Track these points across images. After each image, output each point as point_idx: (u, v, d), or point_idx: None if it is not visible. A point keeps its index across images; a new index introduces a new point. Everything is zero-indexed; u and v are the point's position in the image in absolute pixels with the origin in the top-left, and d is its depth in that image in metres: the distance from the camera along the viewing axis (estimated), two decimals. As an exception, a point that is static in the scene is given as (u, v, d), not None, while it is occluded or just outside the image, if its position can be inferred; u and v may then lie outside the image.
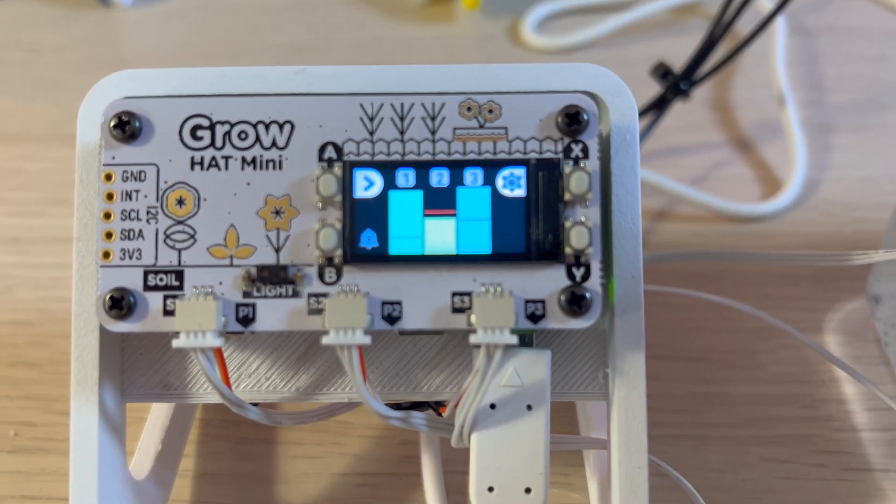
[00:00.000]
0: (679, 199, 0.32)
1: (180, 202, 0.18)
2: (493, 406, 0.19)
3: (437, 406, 0.21)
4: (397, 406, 0.20)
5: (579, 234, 0.18)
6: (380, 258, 0.18)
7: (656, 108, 0.32)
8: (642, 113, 0.32)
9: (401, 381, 0.20)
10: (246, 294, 0.18)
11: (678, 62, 0.33)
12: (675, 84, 0.31)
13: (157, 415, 0.24)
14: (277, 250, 0.18)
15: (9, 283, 0.30)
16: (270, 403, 0.25)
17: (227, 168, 0.18)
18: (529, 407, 0.19)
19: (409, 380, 0.20)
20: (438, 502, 0.24)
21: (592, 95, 0.19)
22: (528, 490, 0.19)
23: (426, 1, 0.42)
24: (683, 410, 0.27)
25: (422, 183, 0.18)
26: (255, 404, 0.20)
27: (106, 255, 0.18)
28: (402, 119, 0.18)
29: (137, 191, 0.18)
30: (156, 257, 0.18)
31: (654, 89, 0.32)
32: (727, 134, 0.35)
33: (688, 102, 0.34)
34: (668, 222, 0.32)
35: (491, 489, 0.19)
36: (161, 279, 0.18)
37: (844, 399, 0.27)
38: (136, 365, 0.20)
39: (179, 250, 0.18)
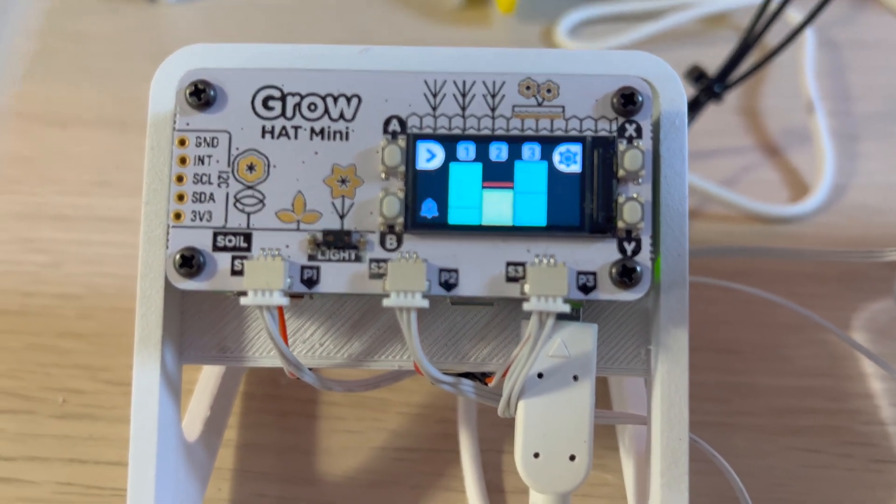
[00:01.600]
0: (710, 198, 0.33)
1: (251, 168, 0.19)
2: (540, 375, 0.20)
3: (483, 377, 0.21)
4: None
5: (632, 209, 0.19)
6: (439, 227, 0.19)
7: (690, 110, 0.32)
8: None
9: (449, 352, 0.21)
10: (311, 257, 0.19)
11: (709, 70, 0.33)
12: (708, 87, 0.32)
13: (206, 382, 0.25)
14: (342, 217, 0.19)
15: (57, 258, 0.31)
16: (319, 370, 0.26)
17: (296, 137, 0.19)
18: (576, 377, 0.20)
19: (458, 350, 0.21)
20: (475, 478, 0.25)
21: (644, 81, 0.20)
22: (572, 457, 0.19)
23: (463, 4, 0.43)
24: (713, 399, 0.27)
25: (481, 156, 0.19)
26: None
27: (177, 216, 0.19)
28: (463, 96, 0.19)
29: (210, 156, 0.19)
30: (225, 219, 0.19)
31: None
32: (757, 139, 0.36)
33: (720, 107, 0.35)
34: (698, 221, 0.33)
35: (537, 455, 0.19)
36: (230, 240, 0.19)
37: (871, 394, 0.27)
38: (194, 328, 0.21)
39: (248, 214, 0.19)
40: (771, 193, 0.34)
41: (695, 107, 0.32)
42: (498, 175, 0.19)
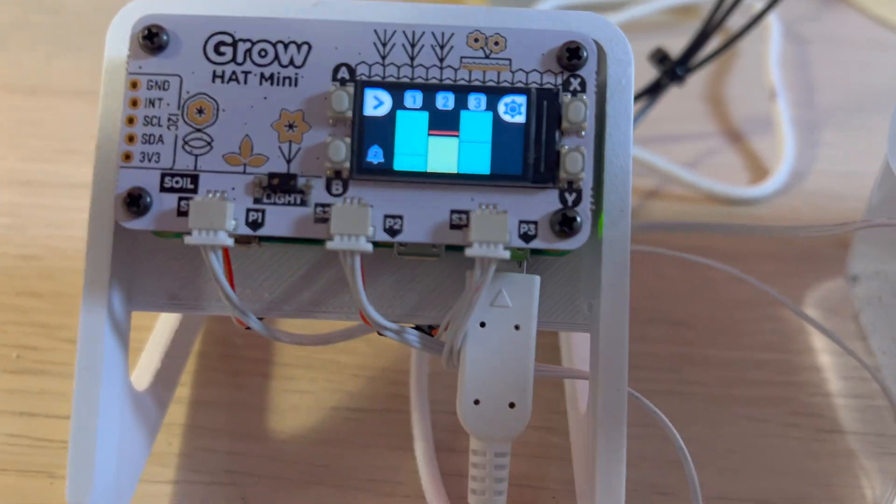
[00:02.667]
0: (670, 178, 0.34)
1: (200, 111, 0.19)
2: (483, 325, 0.20)
3: (430, 330, 0.22)
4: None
5: (573, 159, 0.19)
6: (385, 172, 0.19)
7: (652, 91, 0.33)
8: (639, 96, 0.33)
9: (396, 304, 0.21)
10: (256, 200, 0.19)
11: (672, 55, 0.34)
12: (671, 69, 0.32)
13: (159, 336, 0.25)
14: (288, 161, 0.19)
15: (21, 222, 0.31)
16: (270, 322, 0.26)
17: (245, 82, 0.19)
18: (517, 327, 0.20)
19: (405, 303, 0.21)
20: (424, 437, 0.25)
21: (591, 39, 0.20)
22: (512, 405, 0.20)
23: (437, -10, 0.43)
24: (666, 369, 0.28)
25: (428, 105, 0.19)
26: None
27: (126, 157, 0.19)
28: (412, 46, 0.20)
29: (160, 99, 0.19)
30: (173, 161, 0.19)
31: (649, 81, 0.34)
32: (721, 126, 0.37)
33: (685, 94, 0.35)
34: (659, 201, 0.33)
35: (477, 402, 0.20)
36: (177, 182, 0.19)
37: (820, 367, 0.28)
38: (144, 275, 0.21)
39: (196, 156, 0.19)
40: (732, 177, 0.35)
41: (657, 89, 0.33)
42: (444, 124, 0.19)
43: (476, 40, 0.20)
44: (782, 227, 0.28)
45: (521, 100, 0.19)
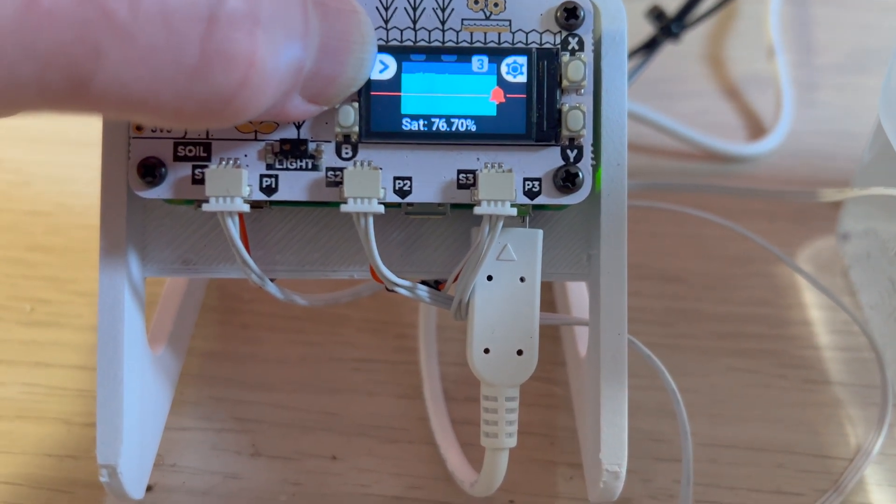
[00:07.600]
0: (666, 132, 0.34)
1: (210, 72, 0.20)
2: (490, 278, 0.21)
3: (436, 284, 0.22)
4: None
5: (574, 117, 0.20)
6: (393, 135, 0.20)
7: (648, 48, 0.33)
8: (635, 52, 0.33)
9: (405, 261, 0.22)
10: (269, 166, 0.20)
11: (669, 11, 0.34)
12: (667, 26, 0.33)
13: (169, 298, 0.25)
14: (298, 127, 0.20)
15: (27, 178, 0.32)
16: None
17: (254, 44, 0.20)
18: (522, 279, 0.21)
19: (412, 260, 0.22)
20: (433, 383, 0.26)
21: (587, 0, 0.21)
22: (520, 352, 0.20)
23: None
24: (659, 323, 0.29)
25: (432, 67, 0.20)
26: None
27: (138, 126, 0.20)
28: (414, 9, 0.20)
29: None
30: (185, 130, 0.20)
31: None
32: (719, 85, 0.37)
33: (684, 54, 0.35)
34: (654, 157, 0.34)
35: (487, 351, 0.20)
36: (190, 150, 0.20)
37: (809, 322, 0.29)
38: (156, 241, 0.21)
39: (208, 123, 0.20)
40: (729, 134, 0.35)
41: (653, 45, 0.33)
42: (448, 85, 0.20)
43: (476, 2, 0.20)
44: (776, 191, 0.29)
45: (522, 60, 0.20)
